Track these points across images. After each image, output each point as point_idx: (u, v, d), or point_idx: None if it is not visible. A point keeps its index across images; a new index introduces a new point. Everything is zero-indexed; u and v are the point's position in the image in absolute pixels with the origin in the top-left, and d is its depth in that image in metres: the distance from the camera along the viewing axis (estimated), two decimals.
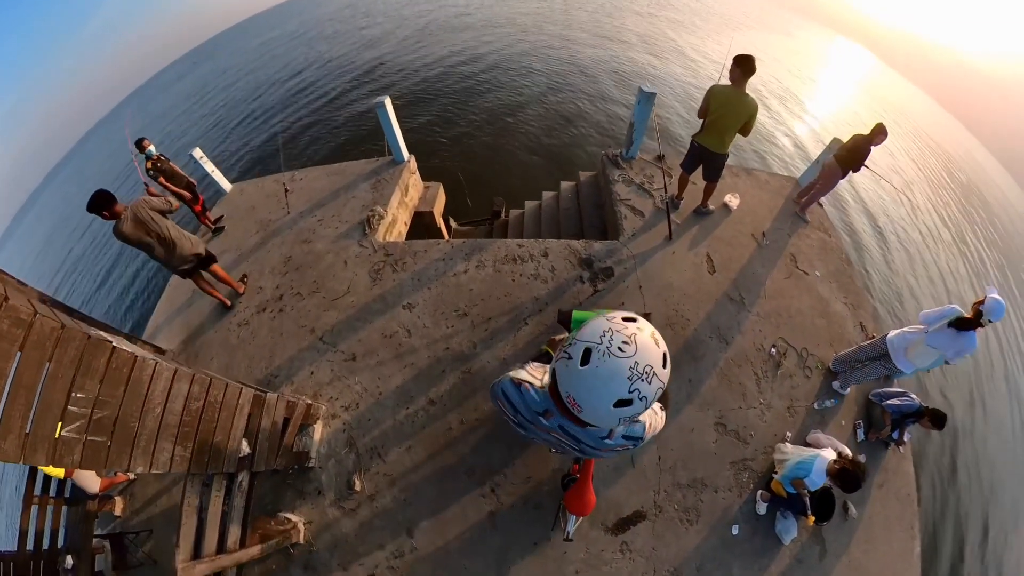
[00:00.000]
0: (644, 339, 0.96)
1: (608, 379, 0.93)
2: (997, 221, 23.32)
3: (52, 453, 1.98)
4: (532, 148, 13.21)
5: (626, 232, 4.89)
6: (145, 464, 2.39)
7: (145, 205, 3.75)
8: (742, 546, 3.41)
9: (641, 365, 0.93)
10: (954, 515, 8.35)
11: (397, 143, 5.56)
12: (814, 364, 4.21)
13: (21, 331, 1.87)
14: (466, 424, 3.68)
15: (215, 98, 26.16)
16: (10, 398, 1.84)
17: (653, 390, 0.95)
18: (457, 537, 3.33)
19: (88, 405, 2.13)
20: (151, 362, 2.43)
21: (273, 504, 3.54)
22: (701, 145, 4.49)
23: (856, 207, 15.55)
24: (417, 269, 4.61)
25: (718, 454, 3.69)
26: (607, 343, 0.94)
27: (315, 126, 16.23)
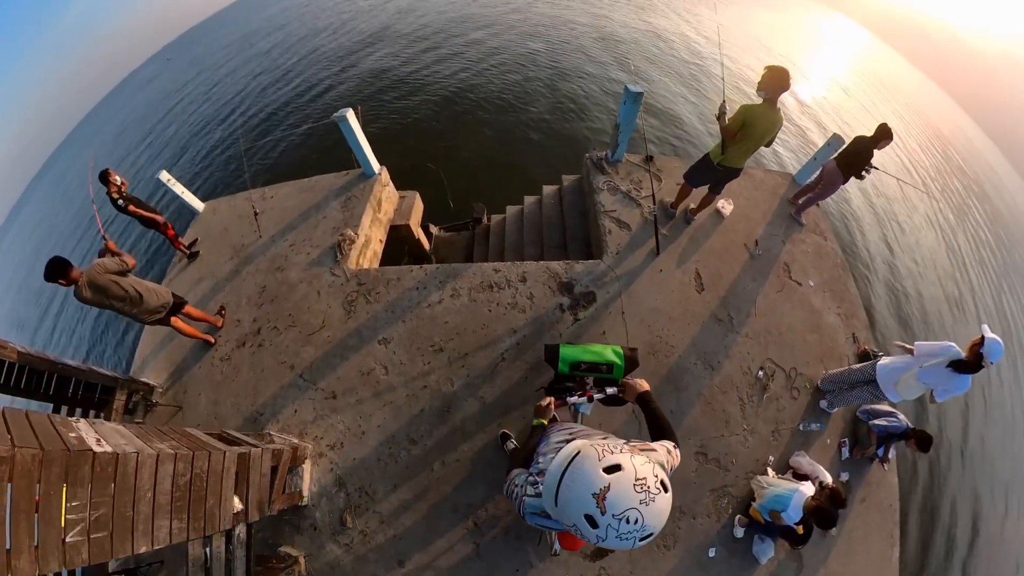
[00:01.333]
0: (659, 506, 1.14)
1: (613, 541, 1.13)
2: (993, 204, 23.87)
3: (63, 558, 2.39)
4: (516, 142, 13.32)
5: (610, 250, 5.00)
6: (148, 543, 2.81)
7: (100, 269, 3.84)
8: (719, 567, 3.81)
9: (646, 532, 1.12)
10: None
11: (365, 156, 5.60)
12: (802, 384, 4.47)
13: (6, 467, 2.20)
14: (447, 465, 4.02)
15: (173, 114, 25.79)
16: (13, 525, 2.20)
17: (615, 542, 1.13)
18: (445, 568, 3.73)
19: (83, 510, 2.50)
20: (132, 455, 2.79)
21: (273, 540, 3.94)
22: (726, 168, 4.45)
23: (860, 204, 15.56)
24: (391, 300, 4.80)
25: (697, 482, 4.03)
26: (637, 484, 1.14)
27: (277, 131, 16.28)
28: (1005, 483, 10.16)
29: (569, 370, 2.97)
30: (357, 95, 17.19)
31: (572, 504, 1.19)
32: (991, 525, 9.33)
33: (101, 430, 2.96)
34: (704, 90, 17.96)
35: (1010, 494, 10.07)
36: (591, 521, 1.14)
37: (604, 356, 3.00)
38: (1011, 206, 27.09)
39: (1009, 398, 11.98)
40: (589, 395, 2.52)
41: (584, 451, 1.26)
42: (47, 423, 2.68)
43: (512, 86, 16.20)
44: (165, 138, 22.95)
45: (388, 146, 12.25)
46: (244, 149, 14.49)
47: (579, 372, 2.96)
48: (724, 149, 4.31)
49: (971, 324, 13.33)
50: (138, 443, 3.01)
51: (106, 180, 5.25)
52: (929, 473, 9.25)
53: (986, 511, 9.43)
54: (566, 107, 15.02)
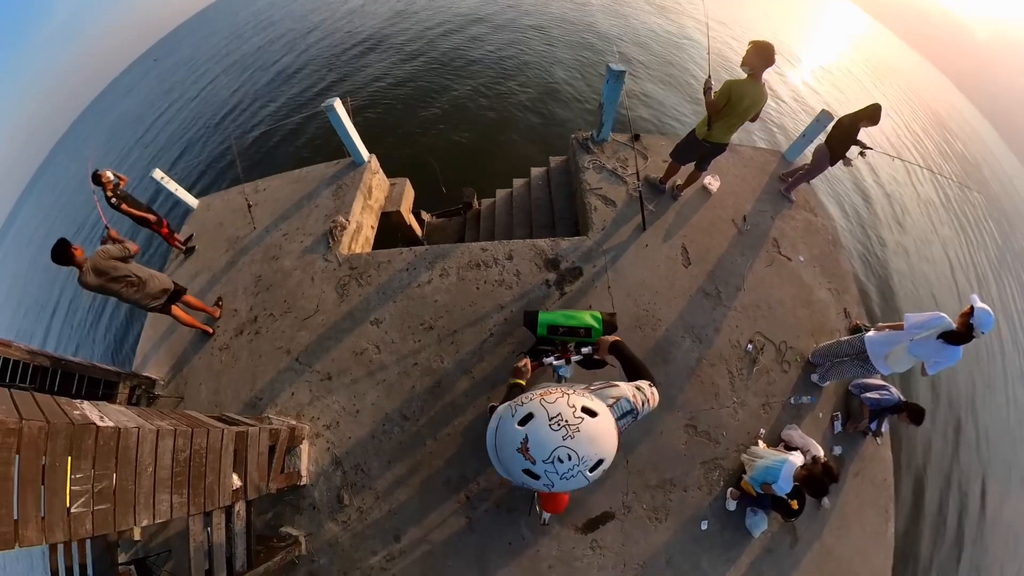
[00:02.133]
0: (587, 434, 1.13)
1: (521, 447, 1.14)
2: (989, 185, 23.82)
3: (68, 529, 2.57)
4: (506, 127, 13.35)
5: (596, 226, 5.12)
6: (149, 517, 3.00)
7: (104, 255, 4.11)
8: (711, 540, 3.94)
9: (567, 452, 1.11)
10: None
11: (354, 145, 5.77)
12: (792, 358, 4.56)
13: (13, 439, 2.38)
14: (439, 440, 4.19)
15: (164, 113, 25.95)
16: (21, 495, 2.38)
17: (564, 483, 1.13)
18: (440, 541, 3.91)
19: (87, 482, 2.69)
20: (133, 430, 2.97)
21: (274, 521, 4.13)
22: (712, 143, 4.54)
23: (848, 179, 15.57)
24: (382, 282, 4.97)
25: (688, 455, 4.16)
26: (552, 422, 1.14)
27: (268, 124, 16.30)
28: (1007, 462, 10.25)
29: (548, 333, 3.09)
30: (346, 85, 17.35)
31: (510, 465, 1.20)
32: (990, 501, 9.42)
33: (104, 409, 3.15)
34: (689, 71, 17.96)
35: (1012, 472, 10.15)
36: (531, 474, 1.16)
37: (582, 320, 3.11)
38: (1008, 187, 26.95)
39: (1005, 374, 12.07)
40: (567, 356, 2.63)
41: (501, 413, 1.29)
42: (52, 402, 2.87)
43: (500, 71, 16.30)
44: (157, 137, 23.16)
45: (379, 135, 12.48)
46: (236, 143, 14.65)
47: (558, 336, 3.07)
48: (710, 124, 4.40)
49: (964, 298, 13.33)
50: (139, 420, 3.19)
51: (99, 181, 5.45)
52: (926, 447, 9.36)
53: (984, 488, 9.53)
54: (555, 89, 15.11)
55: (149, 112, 27.50)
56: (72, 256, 4.01)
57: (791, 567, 3.92)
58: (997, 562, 8.74)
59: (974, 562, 8.50)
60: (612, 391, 1.62)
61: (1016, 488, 9.89)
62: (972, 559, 8.51)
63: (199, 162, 17.40)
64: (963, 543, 8.62)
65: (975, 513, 9.17)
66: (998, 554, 8.85)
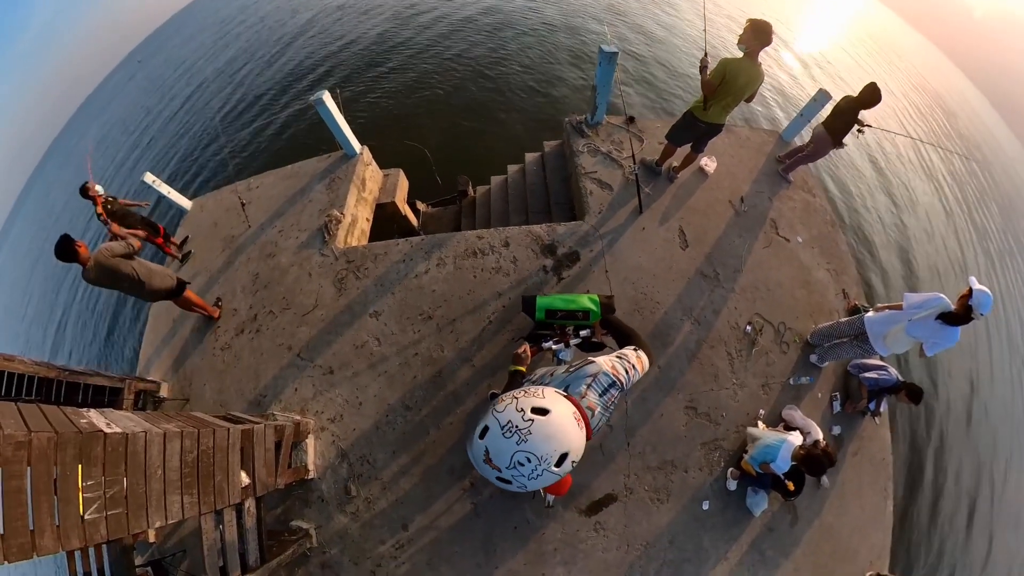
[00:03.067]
0: (540, 434, 1.19)
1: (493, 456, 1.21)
2: (990, 165, 23.66)
3: (83, 535, 2.68)
4: (501, 111, 13.24)
5: (592, 210, 5.12)
6: (161, 518, 3.11)
7: (107, 252, 4.20)
8: (713, 519, 4.06)
9: (526, 455, 1.17)
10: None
11: (345, 137, 5.76)
12: (791, 339, 4.62)
13: (23, 451, 2.46)
14: (442, 428, 4.29)
15: (152, 114, 25.64)
16: (35, 505, 2.47)
17: (535, 483, 1.20)
18: (447, 527, 4.03)
19: (99, 488, 2.79)
20: (140, 435, 3.06)
21: (284, 515, 4.25)
22: (707, 123, 4.50)
23: (855, 161, 15.41)
24: (379, 274, 5.02)
25: (688, 436, 4.26)
26: (504, 430, 1.20)
27: (259, 120, 16.21)
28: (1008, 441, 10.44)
29: (546, 317, 3.11)
30: (334, 77, 17.15)
31: (486, 475, 1.26)
32: (992, 480, 9.65)
33: (110, 416, 3.24)
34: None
35: (1013, 452, 10.34)
36: (503, 481, 1.22)
37: (580, 303, 3.13)
38: (1009, 169, 26.71)
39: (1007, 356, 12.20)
40: (566, 340, 2.67)
41: (477, 428, 1.33)
42: (59, 412, 2.95)
43: (491, 56, 16.11)
44: (148, 140, 22.98)
45: (371, 125, 12.41)
46: (227, 142, 14.58)
47: (556, 320, 3.09)
48: (706, 104, 4.36)
49: (963, 280, 13.37)
50: (146, 424, 3.29)
51: (86, 194, 5.42)
52: (925, 427, 9.53)
53: (986, 468, 9.75)
54: (548, 72, 14.94)
55: (138, 115, 27.29)
56: (76, 253, 4.06)
57: (791, 545, 4.05)
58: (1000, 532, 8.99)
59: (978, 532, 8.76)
60: (589, 368, 1.67)
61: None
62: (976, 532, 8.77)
63: (191, 162, 17.35)
64: (972, 514, 8.87)
65: (978, 488, 9.41)
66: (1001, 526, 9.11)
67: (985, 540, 9.01)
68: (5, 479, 2.36)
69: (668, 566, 3.94)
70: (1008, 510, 9.53)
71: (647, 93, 14.59)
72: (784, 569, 4.01)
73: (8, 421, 2.57)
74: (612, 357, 1.74)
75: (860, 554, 4.12)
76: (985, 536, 9.03)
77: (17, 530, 2.30)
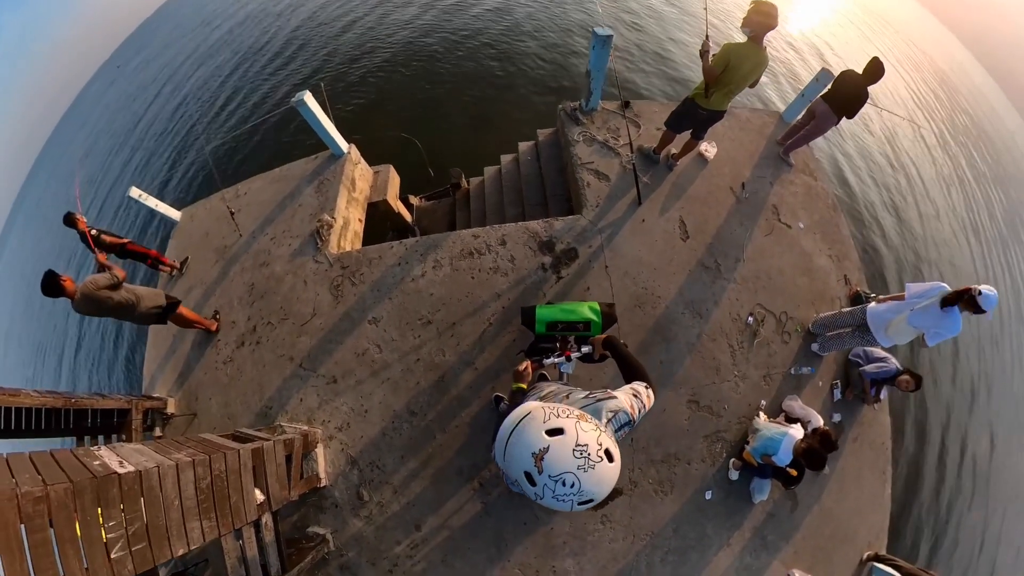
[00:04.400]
0: (598, 475, 1.22)
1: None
2: (994, 143, 23.57)
3: (112, 573, 2.84)
4: (489, 99, 12.95)
5: (589, 203, 5.07)
6: (183, 545, 3.27)
7: (92, 285, 4.25)
8: (716, 508, 4.24)
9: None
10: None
11: (331, 137, 5.69)
12: (793, 328, 4.68)
13: (43, 506, 2.58)
14: (447, 432, 4.42)
15: (135, 123, 24.68)
16: (61, 554, 2.60)
17: (552, 502, 1.24)
18: (458, 526, 4.21)
19: (120, 528, 2.92)
20: (154, 470, 3.19)
21: (300, 523, 4.42)
22: (709, 110, 4.41)
23: (853, 142, 15.18)
24: (375, 279, 5.04)
25: (691, 430, 4.39)
26: (577, 449, 1.22)
27: (242, 123, 15.73)
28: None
29: (546, 330, 3.14)
30: (316, 74, 16.69)
31: (515, 461, 1.29)
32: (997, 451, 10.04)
33: (122, 452, 3.35)
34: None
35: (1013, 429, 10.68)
36: (530, 479, 1.25)
37: (581, 314, 3.16)
38: (1010, 146, 26.34)
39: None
40: (568, 354, 2.72)
41: (533, 412, 1.35)
42: (71, 457, 3.05)
43: (477, 43, 15.63)
44: (128, 150, 22.49)
45: (359, 121, 12.16)
46: (210, 147, 14.22)
47: (556, 332, 3.11)
48: (707, 91, 4.25)
49: (967, 267, 13.61)
50: (158, 457, 3.40)
51: (73, 223, 5.30)
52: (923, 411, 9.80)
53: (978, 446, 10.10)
54: (540, 57, 14.51)
55: (120, 124, 26.52)
56: (62, 288, 4.14)
57: (792, 529, 4.25)
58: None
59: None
60: (611, 404, 1.71)
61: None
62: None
63: (177, 171, 17.05)
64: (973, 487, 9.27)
65: (978, 462, 9.76)
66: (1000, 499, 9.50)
67: (982, 518, 9.48)
68: (29, 534, 2.48)
69: (673, 554, 4.15)
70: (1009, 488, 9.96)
71: (663, 67, 14.14)
72: (785, 553, 4.23)
73: (23, 476, 2.67)
74: (630, 395, 1.79)
75: (859, 535, 4.33)
76: (982, 513, 9.50)
77: None
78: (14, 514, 2.39)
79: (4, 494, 2.40)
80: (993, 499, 9.72)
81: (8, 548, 2.37)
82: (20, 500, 2.48)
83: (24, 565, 2.41)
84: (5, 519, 2.36)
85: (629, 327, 4.60)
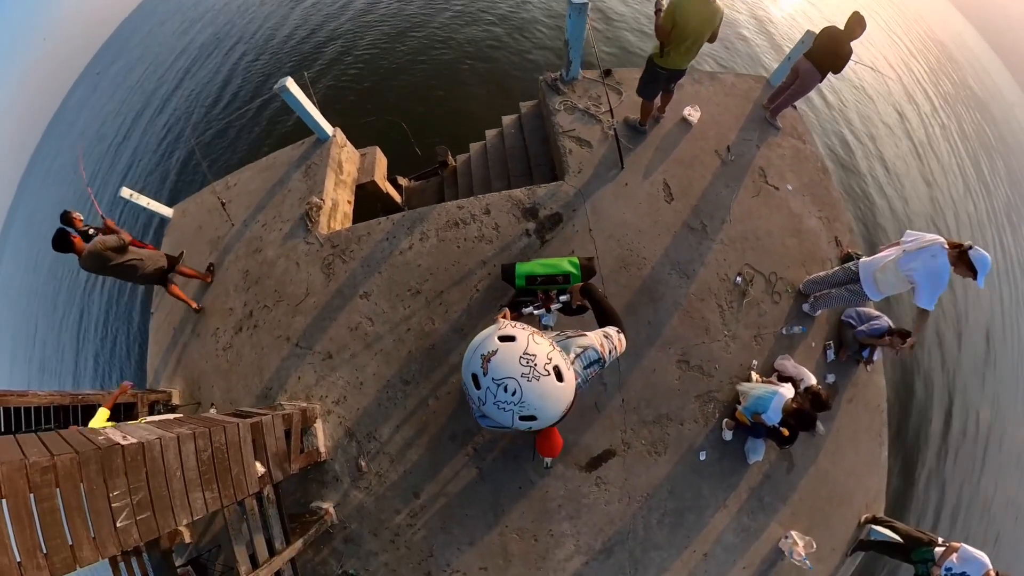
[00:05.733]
0: (542, 388, 1.23)
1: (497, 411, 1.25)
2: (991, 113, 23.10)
3: (118, 542, 3.02)
4: (472, 75, 12.83)
5: (572, 169, 5.13)
6: (187, 515, 3.45)
7: (100, 245, 4.68)
8: (710, 469, 4.36)
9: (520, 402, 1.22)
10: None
11: (315, 122, 5.79)
12: (783, 288, 4.73)
13: (51, 475, 2.76)
14: (440, 398, 4.57)
15: (122, 126, 24.42)
16: (69, 522, 2.78)
17: (492, 410, 1.25)
18: (455, 493, 4.38)
19: (125, 497, 3.10)
20: (155, 441, 3.37)
21: (303, 498, 4.62)
22: (668, 70, 4.44)
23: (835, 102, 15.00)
24: (364, 255, 5.16)
25: (682, 390, 4.49)
26: (524, 357, 1.25)
27: (228, 115, 15.82)
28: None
29: (526, 284, 3.24)
30: (298, 60, 16.56)
31: (467, 364, 1.32)
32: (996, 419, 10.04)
33: (125, 429, 3.53)
34: None
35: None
36: (476, 381, 1.27)
37: (559, 267, 3.24)
38: (1009, 117, 25.76)
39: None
40: (548, 305, 2.80)
41: (498, 324, 1.39)
42: (77, 434, 3.24)
43: (459, 20, 15.36)
44: (115, 150, 22.42)
45: (342, 103, 12.23)
46: (196, 143, 14.22)
47: (536, 286, 3.20)
48: (662, 51, 4.30)
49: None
50: (159, 431, 3.58)
51: (69, 221, 5.38)
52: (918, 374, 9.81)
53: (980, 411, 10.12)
54: (519, 29, 14.34)
55: (106, 129, 26.36)
56: (72, 245, 4.61)
57: (788, 490, 4.34)
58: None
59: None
60: (581, 340, 1.77)
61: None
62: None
63: (166, 168, 17.04)
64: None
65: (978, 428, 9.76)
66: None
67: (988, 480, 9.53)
68: (38, 502, 2.65)
69: (670, 515, 4.29)
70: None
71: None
72: (782, 514, 4.34)
73: (31, 450, 2.85)
74: (601, 335, 1.85)
75: (856, 498, 4.42)
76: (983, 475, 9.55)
77: (57, 547, 2.60)
78: (23, 483, 2.56)
79: (13, 464, 2.56)
80: (994, 462, 9.75)
81: (18, 516, 2.54)
82: (28, 470, 2.65)
83: (34, 533, 2.58)
84: (15, 487, 2.53)
85: (615, 288, 4.69)
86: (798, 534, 4.27)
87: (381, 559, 4.43)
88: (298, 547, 4.17)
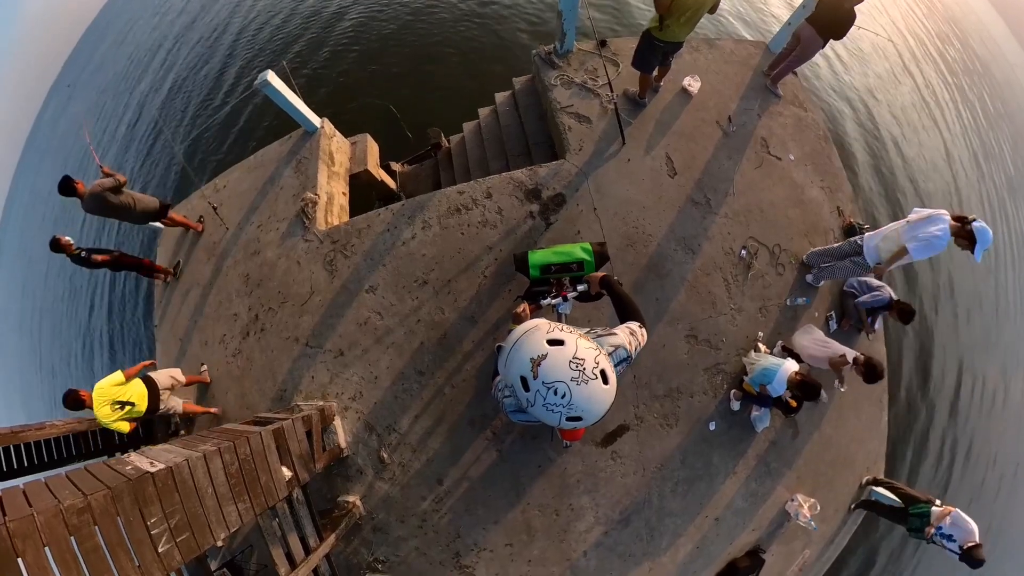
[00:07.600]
0: (590, 392, 1.26)
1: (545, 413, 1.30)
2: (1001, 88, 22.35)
3: (163, 566, 3.05)
4: (459, 53, 12.08)
5: (572, 147, 4.97)
6: (223, 528, 3.49)
7: (99, 188, 4.99)
8: (720, 438, 4.47)
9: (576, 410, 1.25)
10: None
11: (301, 114, 5.55)
12: (787, 260, 4.72)
13: (87, 515, 2.75)
14: (455, 386, 4.59)
15: (102, 137, 22.66)
16: (113, 557, 2.79)
17: (541, 412, 1.29)
18: (478, 476, 4.47)
19: (162, 523, 3.12)
20: (183, 464, 3.36)
21: (330, 493, 4.69)
22: (667, 42, 4.30)
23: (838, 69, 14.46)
24: (366, 248, 5.05)
25: (690, 364, 4.54)
26: (574, 361, 1.27)
27: (208, 116, 15.05)
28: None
29: (540, 274, 3.17)
30: (274, 51, 15.59)
31: (513, 366, 1.34)
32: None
33: (150, 453, 3.52)
34: None
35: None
36: (524, 384, 1.29)
37: (573, 255, 3.18)
38: (1011, 80, 25.15)
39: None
40: (564, 294, 2.77)
41: (539, 324, 1.41)
42: (104, 468, 3.22)
43: None
44: (106, 161, 21.28)
45: (327, 91, 11.69)
46: (181, 145, 13.72)
47: (551, 275, 3.14)
48: (661, 23, 4.13)
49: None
50: (185, 452, 3.57)
51: (58, 248, 5.24)
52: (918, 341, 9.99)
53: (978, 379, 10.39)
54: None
55: (83, 142, 24.72)
56: (75, 189, 4.92)
57: (794, 456, 4.48)
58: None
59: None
60: (612, 339, 1.79)
61: None
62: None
63: (154, 176, 16.26)
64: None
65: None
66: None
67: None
68: (79, 543, 2.66)
69: (683, 484, 4.43)
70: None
71: None
72: (788, 478, 4.49)
73: (63, 492, 2.82)
74: (627, 333, 1.87)
75: (857, 461, 4.58)
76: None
77: None
78: (62, 528, 2.56)
79: (49, 511, 2.55)
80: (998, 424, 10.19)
81: (64, 561, 2.56)
82: (65, 514, 2.64)
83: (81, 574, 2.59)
84: (55, 534, 2.53)
85: (622, 266, 4.66)
86: (803, 497, 4.46)
87: (411, 544, 4.55)
88: (331, 542, 4.27)
